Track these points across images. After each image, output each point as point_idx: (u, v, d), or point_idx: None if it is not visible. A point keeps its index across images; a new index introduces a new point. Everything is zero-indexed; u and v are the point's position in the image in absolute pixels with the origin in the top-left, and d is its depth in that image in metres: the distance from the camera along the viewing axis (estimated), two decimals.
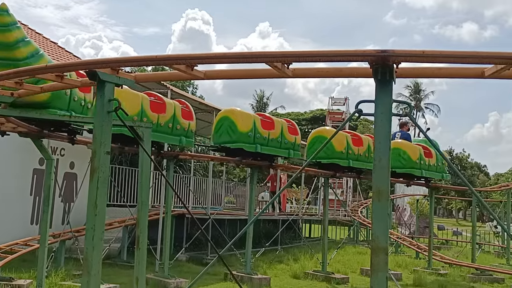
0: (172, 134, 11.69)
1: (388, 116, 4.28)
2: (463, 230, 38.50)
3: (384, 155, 4.24)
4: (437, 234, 35.87)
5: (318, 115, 72.89)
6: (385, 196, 4.18)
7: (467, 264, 17.41)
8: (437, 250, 23.50)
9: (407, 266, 17.97)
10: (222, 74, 6.31)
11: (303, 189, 28.75)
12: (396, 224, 38.51)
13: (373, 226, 4.15)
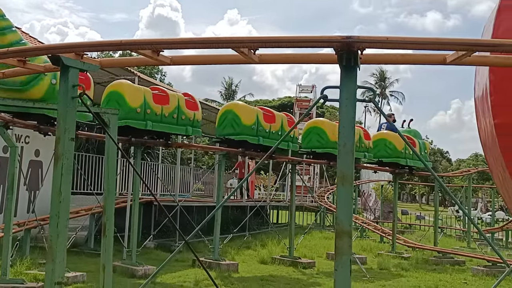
0: (178, 125, 12.21)
1: (352, 102, 4.28)
2: (426, 215, 39.25)
3: (349, 140, 4.24)
4: (401, 218, 36.45)
5: (286, 102, 73.08)
6: (349, 181, 4.19)
7: (429, 248, 17.76)
8: (400, 234, 23.90)
9: (371, 250, 18.24)
10: (188, 60, 6.25)
11: (271, 176, 28.81)
12: (361, 209, 39.00)
13: (338, 210, 4.16)
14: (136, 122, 11.41)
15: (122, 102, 11.22)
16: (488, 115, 8.70)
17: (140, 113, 11.46)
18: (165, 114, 11.85)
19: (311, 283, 11.83)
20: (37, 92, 8.93)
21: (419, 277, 13.16)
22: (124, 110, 11.04)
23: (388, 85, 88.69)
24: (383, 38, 4.15)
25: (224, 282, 11.16)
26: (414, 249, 18.18)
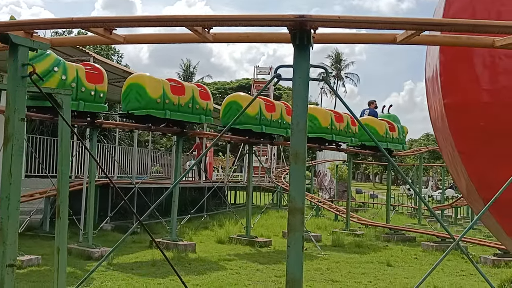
0: (193, 113, 13.14)
1: (305, 81, 4.28)
2: (379, 193, 39.98)
3: (302, 118, 4.23)
4: (355, 197, 37.15)
5: (244, 84, 72.98)
6: (301, 159, 4.19)
7: (381, 225, 18.15)
8: (354, 212, 24.35)
9: (326, 228, 18.52)
10: (142, 39, 6.07)
11: (229, 157, 28.79)
12: (317, 188, 39.49)
13: (290, 187, 4.17)
14: (156, 111, 12.26)
15: (143, 93, 12.18)
16: (438, 95, 8.85)
17: (159, 103, 12.28)
18: (182, 104, 12.74)
19: (268, 261, 11.93)
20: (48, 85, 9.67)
21: (371, 253, 13.44)
22: (145, 100, 12.08)
23: (344, 67, 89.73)
24: (335, 17, 4.15)
25: (181, 262, 11.14)
26: (367, 227, 18.55)
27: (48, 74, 10.25)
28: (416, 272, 10.98)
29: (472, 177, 8.27)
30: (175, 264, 10.82)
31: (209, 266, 10.94)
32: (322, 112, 16.32)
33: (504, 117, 8.11)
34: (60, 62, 10.76)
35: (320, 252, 13.09)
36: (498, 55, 8.34)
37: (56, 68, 10.57)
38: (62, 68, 10.65)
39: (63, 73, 10.61)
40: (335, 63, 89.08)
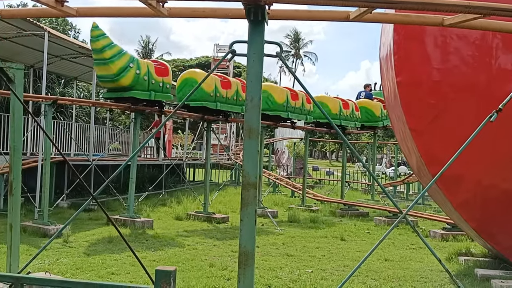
0: (236, 105, 15.00)
1: (260, 57, 4.24)
2: (335, 170, 40.59)
3: (256, 94, 4.20)
4: (312, 174, 37.54)
5: (203, 62, 72.24)
6: (255, 134, 4.16)
7: (336, 201, 18.43)
8: (310, 189, 24.64)
9: (283, 204, 18.68)
10: (95, 12, 5.88)
11: (188, 135, 28.59)
12: (275, 166, 39.76)
13: (244, 162, 4.14)
14: (210, 103, 14.09)
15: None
16: (391, 74, 8.98)
17: (212, 96, 14.06)
18: (228, 97, 14.54)
19: (224, 236, 11.96)
20: (126, 81, 12.19)
21: (326, 228, 13.64)
22: (200, 93, 13.66)
23: (302, 46, 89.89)
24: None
25: (138, 239, 11.05)
26: (323, 203, 18.80)
27: (125, 69, 12.12)
28: (368, 246, 11.20)
29: (422, 153, 8.46)
30: (132, 241, 10.73)
31: (166, 242, 10.88)
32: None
33: (452, 96, 8.30)
34: (134, 59, 12.61)
35: (276, 227, 13.19)
36: (449, 35, 8.50)
37: (132, 64, 12.31)
38: (136, 64, 12.48)
39: (137, 68, 12.45)
40: (294, 42, 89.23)
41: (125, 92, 12.50)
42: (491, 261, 9.16)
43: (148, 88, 12.86)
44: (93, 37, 11.65)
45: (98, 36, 11.63)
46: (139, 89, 12.68)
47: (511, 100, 7.46)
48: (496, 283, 7.75)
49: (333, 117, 17.65)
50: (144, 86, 12.77)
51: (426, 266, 9.26)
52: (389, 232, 4.28)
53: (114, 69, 11.92)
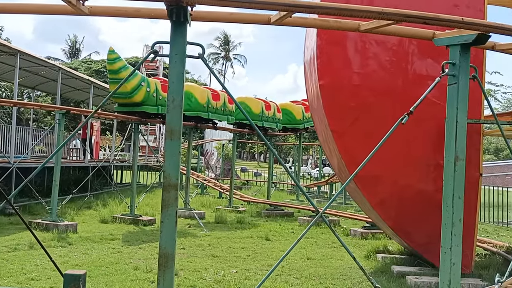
0: (223, 114, 16.99)
1: (182, 58, 4.17)
2: (263, 171, 40.90)
3: (177, 95, 4.13)
4: (240, 175, 37.67)
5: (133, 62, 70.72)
6: (177, 135, 4.09)
7: (262, 201, 18.58)
8: (238, 190, 24.70)
9: (210, 205, 18.59)
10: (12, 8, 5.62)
11: (117, 137, 27.89)
12: (204, 167, 39.59)
13: (165, 164, 4.05)
14: (203, 113, 16.08)
15: (194, 99, 15.79)
16: (314, 77, 9.12)
17: (205, 107, 16.03)
18: (217, 107, 16.52)
19: (150, 239, 11.74)
20: (138, 97, 13.86)
21: (252, 229, 13.69)
22: (195, 105, 15.66)
23: (232, 48, 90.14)
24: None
25: (61, 243, 10.63)
26: (249, 203, 18.88)
27: (138, 88, 13.83)
28: None
29: (343, 154, 8.65)
30: (54, 245, 10.32)
31: (90, 246, 10.54)
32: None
33: (371, 99, 8.54)
34: (145, 79, 14.56)
35: (203, 229, 13.09)
36: (368, 40, 8.74)
37: (143, 83, 14.09)
38: (146, 83, 14.30)
39: (147, 86, 14.26)
40: (224, 44, 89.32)
41: (137, 107, 14.15)
42: (407, 258, 9.48)
43: (156, 103, 14.60)
44: (110, 60, 13.17)
45: (115, 59, 13.16)
46: (149, 105, 14.39)
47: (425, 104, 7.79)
48: (410, 279, 8.03)
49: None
50: (153, 102, 14.50)
51: (346, 264, 9.46)
52: (306, 231, 4.32)
53: (128, 87, 13.55)
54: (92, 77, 43.62)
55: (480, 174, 8.42)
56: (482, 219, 17.65)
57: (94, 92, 22.44)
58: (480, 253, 10.37)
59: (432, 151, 8.05)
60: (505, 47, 5.06)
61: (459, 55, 4.37)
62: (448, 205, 4.21)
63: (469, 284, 7.78)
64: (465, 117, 4.32)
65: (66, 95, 28.65)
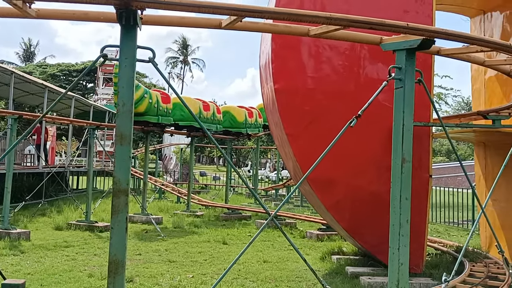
0: (213, 123, 18.43)
1: (132, 62, 4.12)
2: (221, 175, 40.75)
3: (128, 100, 4.07)
4: (199, 179, 37.46)
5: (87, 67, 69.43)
6: (127, 140, 4.03)
7: (220, 205, 18.51)
8: (197, 194, 24.54)
9: (168, 210, 18.39)
10: None
11: (73, 142, 27.29)
12: (163, 172, 39.21)
13: (115, 169, 3.98)
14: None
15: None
16: (269, 81, 9.15)
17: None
18: (208, 117, 18.14)
19: (106, 245, 11.49)
20: (142, 108, 15.19)
21: (209, 233, 13.61)
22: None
23: (190, 52, 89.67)
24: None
25: (13, 251, 10.30)
26: (207, 207, 18.79)
27: (142, 99, 15.21)
28: (249, 248, 11.22)
29: (298, 157, 8.70)
30: (6, 254, 9.99)
31: (43, 253, 10.26)
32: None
33: (325, 103, 8.63)
34: (147, 91, 15.87)
35: (160, 234, 12.93)
36: (322, 45, 8.83)
37: (146, 95, 15.50)
38: (149, 95, 15.65)
39: (150, 98, 15.58)
40: (182, 48, 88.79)
41: (140, 116, 15.33)
42: (361, 259, 9.61)
43: (157, 113, 15.94)
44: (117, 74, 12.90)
45: None
46: (151, 115, 15.70)
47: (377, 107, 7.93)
48: (364, 279, 8.14)
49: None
50: (154, 112, 15.84)
51: (302, 266, 9.50)
52: (258, 234, 4.32)
53: None
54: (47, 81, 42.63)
55: (430, 176, 8.62)
56: (434, 220, 18.10)
57: (49, 97, 21.86)
58: (431, 252, 10.61)
59: (383, 153, 8.17)
60: (449, 52, 5.19)
61: (405, 59, 4.46)
62: (395, 206, 4.28)
63: (420, 283, 7.96)
64: (411, 120, 4.40)
65: (20, 100, 27.91)
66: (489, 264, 9.08)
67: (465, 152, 53.71)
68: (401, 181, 4.27)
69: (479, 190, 11.89)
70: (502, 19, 10.93)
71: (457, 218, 17.62)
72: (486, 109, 9.75)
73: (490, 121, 8.62)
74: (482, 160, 11.52)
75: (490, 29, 11.31)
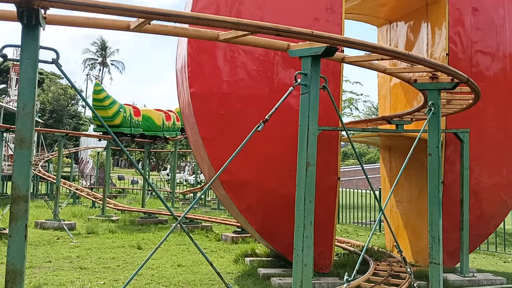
0: (173, 131, 21.11)
1: (34, 62, 3.93)
2: (140, 179, 39.93)
3: (29, 102, 3.88)
4: (117, 183, 36.50)
5: (2, 67, 65.82)
6: (27, 144, 3.83)
7: (136, 209, 18.12)
8: (113, 198, 23.89)
9: (82, 215, 17.73)
10: None
11: None
12: (79, 176, 37.90)
13: (14, 174, 3.77)
14: (159, 133, 20.40)
15: (152, 122, 20.04)
16: (185, 85, 9.07)
17: (160, 127, 20.32)
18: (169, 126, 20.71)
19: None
20: (117, 121, 17.64)
21: (124, 238, 13.24)
22: (153, 126, 20.03)
23: (109, 54, 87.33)
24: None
25: None
26: (123, 212, 18.32)
27: (118, 113, 17.62)
28: (164, 253, 11.13)
29: (212, 161, 8.67)
30: None
31: None
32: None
33: (239, 107, 8.67)
34: (122, 106, 18.14)
35: (72, 240, 12.45)
36: (237, 50, 8.87)
37: (121, 110, 17.89)
38: (123, 109, 18.08)
39: (124, 112, 18.05)
40: (101, 50, 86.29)
41: (116, 128, 17.54)
42: (273, 260, 9.71)
43: (129, 125, 18.32)
44: (96, 91, 17.08)
45: (101, 90, 17.38)
46: (125, 126, 18.09)
47: (288, 112, 8.07)
48: (274, 280, 8.23)
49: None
50: (128, 124, 18.23)
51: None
52: (165, 239, 4.25)
53: (110, 113, 17.21)
54: None
55: (338, 178, 8.88)
56: (344, 220, 18.69)
57: None
58: (340, 252, 10.91)
59: (294, 157, 8.32)
60: (353, 60, 5.37)
61: (310, 66, 4.55)
62: (300, 209, 4.36)
63: (328, 282, 8.16)
64: (315, 124, 4.50)
65: None
66: (392, 263, 9.47)
67: (374, 155, 56.04)
68: (305, 184, 4.35)
69: (385, 192, 12.43)
70: (406, 29, 11.49)
71: (366, 219, 18.28)
72: (390, 115, 10.21)
73: (394, 126, 9.03)
74: (387, 163, 12.03)
75: (395, 38, 11.86)
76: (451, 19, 9.68)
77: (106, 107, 16.99)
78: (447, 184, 9.56)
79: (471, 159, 9.34)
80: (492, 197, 9.93)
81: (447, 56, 9.56)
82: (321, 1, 9.13)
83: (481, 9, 9.92)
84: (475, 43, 9.81)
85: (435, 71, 5.62)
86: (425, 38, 10.59)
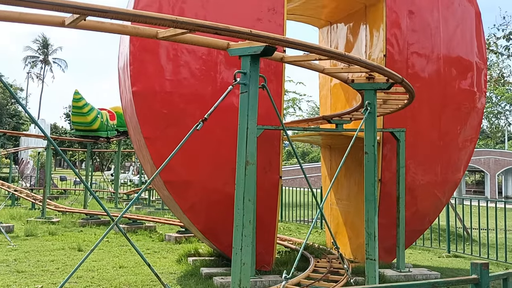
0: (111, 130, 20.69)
1: None
2: None
3: None
4: (59, 184, 35.41)
5: None
6: None
7: (78, 211, 17.61)
8: (54, 200, 23.13)
9: (21, 217, 17.04)
10: None
11: None
12: (19, 177, 36.55)
13: None
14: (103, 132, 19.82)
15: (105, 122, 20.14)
16: (127, 84, 8.87)
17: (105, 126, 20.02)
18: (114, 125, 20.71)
19: None
20: (95, 126, 18.91)
21: (64, 240, 12.82)
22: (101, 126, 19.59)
23: (52, 52, 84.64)
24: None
25: None
26: (64, 213, 17.78)
27: (95, 119, 18.66)
28: (105, 254, 10.85)
29: (155, 160, 8.52)
30: None
31: None
32: None
33: (182, 106, 8.56)
34: (99, 112, 19.20)
35: (10, 243, 11.95)
36: (180, 49, 8.75)
37: (99, 116, 18.96)
38: (101, 115, 19.15)
39: (101, 118, 19.15)
40: (43, 47, 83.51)
41: (93, 132, 19.10)
42: (216, 259, 9.65)
43: (106, 129, 19.55)
44: (76, 99, 17.97)
45: (80, 98, 18.07)
46: (102, 130, 19.33)
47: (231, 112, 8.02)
48: (217, 280, 8.17)
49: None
50: (104, 128, 19.44)
51: (158, 269, 9.30)
52: (101, 240, 4.12)
53: (89, 119, 18.44)
54: None
55: (280, 177, 8.92)
56: (287, 218, 18.86)
57: None
58: (281, 250, 10.97)
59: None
60: (292, 59, 5.40)
61: (249, 65, 4.53)
62: (239, 208, 4.33)
63: (269, 280, 8.17)
64: (254, 123, 4.49)
65: None
66: (332, 260, 9.60)
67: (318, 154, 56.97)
68: (244, 183, 4.33)
69: (325, 190, 12.61)
70: (346, 31, 11.69)
71: (308, 217, 18.51)
72: (330, 114, 10.36)
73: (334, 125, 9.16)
74: (328, 162, 12.21)
75: (336, 39, 12.04)
76: (388, 21, 9.91)
77: (85, 114, 18.28)
78: (384, 181, 9.79)
79: (407, 157, 9.60)
80: (427, 194, 10.23)
81: (384, 57, 9.79)
82: (264, 2, 9.15)
83: (417, 12, 10.20)
84: (411, 45, 10.08)
85: (371, 72, 5.73)
86: (364, 39, 10.81)
